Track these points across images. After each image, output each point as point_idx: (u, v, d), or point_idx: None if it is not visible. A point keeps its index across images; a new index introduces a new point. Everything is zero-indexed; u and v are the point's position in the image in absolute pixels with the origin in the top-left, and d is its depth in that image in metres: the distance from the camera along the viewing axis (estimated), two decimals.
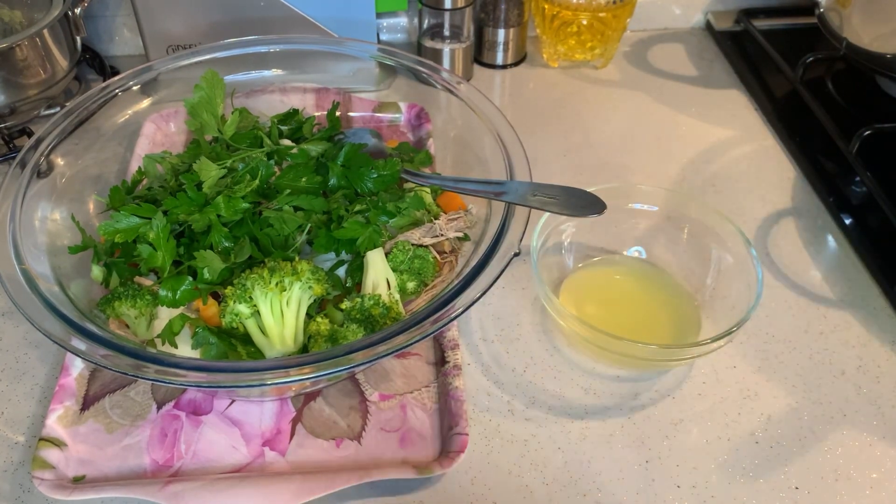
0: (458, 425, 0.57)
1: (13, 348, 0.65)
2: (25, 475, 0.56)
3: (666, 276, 0.69)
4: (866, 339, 0.67)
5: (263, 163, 0.64)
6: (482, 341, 0.66)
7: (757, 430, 0.60)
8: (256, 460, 0.57)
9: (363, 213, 0.62)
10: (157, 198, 0.63)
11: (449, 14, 0.90)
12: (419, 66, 0.75)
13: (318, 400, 0.61)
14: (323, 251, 0.61)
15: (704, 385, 0.63)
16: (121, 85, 0.72)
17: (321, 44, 0.79)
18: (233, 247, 0.60)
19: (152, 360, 0.51)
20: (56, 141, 0.66)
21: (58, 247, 0.62)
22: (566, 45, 0.95)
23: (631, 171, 0.83)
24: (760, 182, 0.82)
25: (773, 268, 0.73)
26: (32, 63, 0.83)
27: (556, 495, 0.56)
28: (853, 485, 0.57)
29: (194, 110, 0.68)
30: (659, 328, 0.65)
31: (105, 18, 0.96)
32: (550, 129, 0.88)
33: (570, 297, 0.67)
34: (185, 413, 0.60)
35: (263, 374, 0.50)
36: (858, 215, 0.77)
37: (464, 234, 0.66)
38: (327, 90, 0.80)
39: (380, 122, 0.82)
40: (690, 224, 0.68)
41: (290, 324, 0.57)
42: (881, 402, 0.62)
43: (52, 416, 0.58)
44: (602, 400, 0.62)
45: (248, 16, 0.87)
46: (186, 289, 0.58)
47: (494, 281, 0.55)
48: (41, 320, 0.52)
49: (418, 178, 0.67)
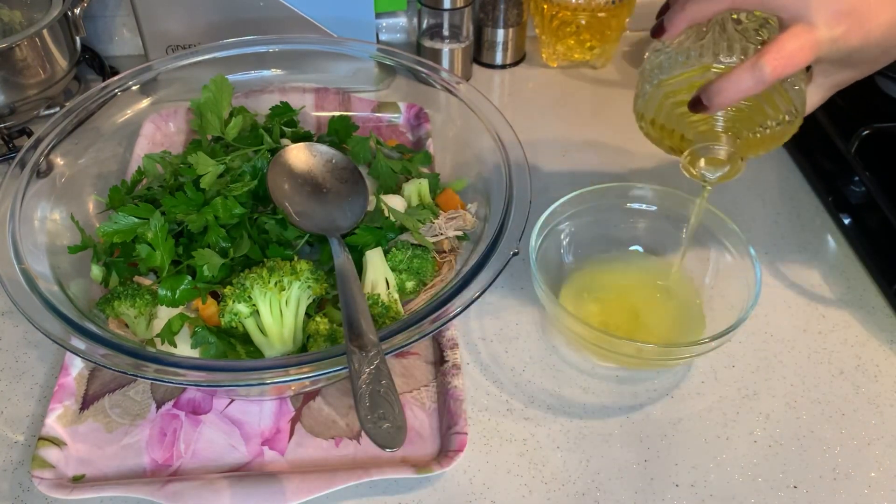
0: (456, 424, 0.57)
1: (13, 348, 0.65)
2: (25, 474, 0.57)
3: (666, 275, 0.69)
4: (865, 338, 0.67)
5: (264, 162, 0.64)
6: (481, 340, 0.66)
7: (755, 429, 0.60)
8: (255, 459, 0.57)
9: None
10: (156, 198, 0.64)
11: (448, 14, 0.90)
12: (418, 66, 0.75)
13: (318, 399, 0.61)
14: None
15: (703, 384, 0.63)
16: (120, 85, 0.72)
17: (320, 44, 0.79)
18: (230, 246, 0.60)
19: (152, 359, 0.51)
20: (56, 141, 0.66)
21: (57, 246, 0.62)
22: (565, 44, 0.95)
23: (630, 171, 0.83)
24: (759, 182, 0.82)
25: (772, 267, 0.73)
26: (32, 63, 0.83)
27: (555, 494, 0.56)
28: (852, 484, 0.57)
29: (200, 110, 0.68)
30: (659, 327, 0.65)
31: (104, 18, 0.96)
32: (549, 129, 0.88)
33: (568, 296, 0.67)
34: (184, 412, 0.60)
35: (263, 373, 0.50)
36: (857, 215, 0.77)
37: (462, 233, 0.66)
38: (327, 90, 0.80)
39: (379, 121, 0.82)
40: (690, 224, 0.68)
41: (289, 323, 0.57)
42: (880, 401, 0.62)
43: (51, 415, 0.58)
44: (601, 399, 0.62)
45: (247, 16, 0.87)
46: (185, 288, 0.58)
47: (493, 280, 0.55)
48: (41, 320, 0.53)
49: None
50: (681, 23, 0.55)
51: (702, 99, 0.53)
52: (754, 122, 0.57)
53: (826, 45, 0.52)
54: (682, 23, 0.55)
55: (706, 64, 0.55)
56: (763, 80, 0.51)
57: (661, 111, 0.59)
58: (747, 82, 0.52)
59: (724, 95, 0.52)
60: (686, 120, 0.58)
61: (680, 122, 0.58)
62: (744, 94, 0.52)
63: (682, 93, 0.57)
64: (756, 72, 0.51)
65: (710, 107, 0.53)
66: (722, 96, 0.52)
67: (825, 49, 0.52)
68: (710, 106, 0.53)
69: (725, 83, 0.52)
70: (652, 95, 0.58)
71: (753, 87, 0.52)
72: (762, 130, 0.57)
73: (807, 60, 0.52)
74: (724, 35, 0.56)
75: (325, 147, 0.65)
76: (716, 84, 0.53)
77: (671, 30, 0.56)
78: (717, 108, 0.53)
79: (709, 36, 0.56)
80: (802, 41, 0.51)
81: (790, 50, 0.51)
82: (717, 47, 0.55)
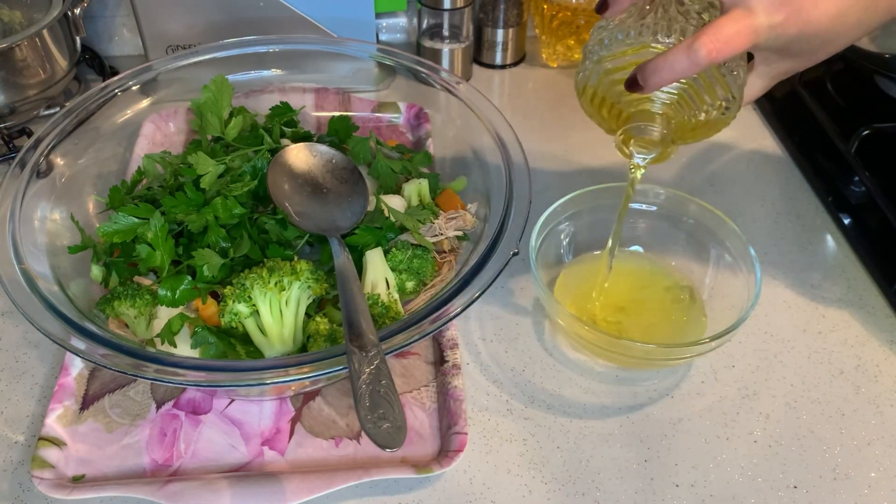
0: (456, 424, 0.57)
1: (13, 348, 0.65)
2: (25, 474, 0.57)
3: (666, 274, 0.69)
4: (865, 338, 0.67)
5: (264, 162, 0.64)
6: (481, 340, 0.66)
7: (755, 430, 0.60)
8: (255, 459, 0.57)
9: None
10: (156, 198, 0.64)
11: (448, 14, 0.90)
12: (418, 66, 0.75)
13: (318, 399, 0.61)
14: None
15: (703, 384, 0.63)
16: (120, 85, 0.72)
17: (320, 44, 0.79)
18: (230, 246, 0.60)
19: (152, 359, 0.51)
20: (56, 141, 0.66)
21: (57, 247, 0.62)
22: (565, 44, 0.95)
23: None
24: (759, 182, 0.82)
25: (772, 267, 0.73)
26: (32, 63, 0.83)
27: (555, 494, 0.56)
28: (852, 484, 0.57)
29: (200, 110, 0.68)
30: (659, 327, 0.65)
31: (104, 19, 0.96)
32: (549, 129, 0.88)
33: (568, 296, 0.67)
34: (184, 412, 0.60)
35: (263, 373, 0.50)
36: (857, 215, 0.77)
37: (463, 233, 0.66)
38: (326, 90, 0.80)
39: (379, 122, 0.82)
40: (689, 224, 0.68)
41: (289, 323, 0.57)
42: (880, 401, 0.62)
43: (51, 415, 0.58)
44: (601, 399, 0.62)
45: (247, 16, 0.87)
46: (185, 288, 0.58)
47: (493, 280, 0.55)
48: (41, 320, 0.53)
49: None
50: (624, 0, 0.55)
51: (637, 78, 0.53)
52: (691, 106, 0.57)
53: (764, 32, 0.51)
54: (625, 0, 0.55)
55: (645, 43, 0.55)
56: (698, 63, 0.51)
57: (601, 87, 0.58)
58: (682, 63, 0.51)
59: (659, 76, 0.52)
60: (624, 98, 0.58)
61: (618, 100, 0.58)
62: (678, 75, 0.52)
63: (620, 70, 0.56)
64: (691, 54, 0.50)
65: (644, 86, 0.53)
66: (657, 76, 0.52)
67: (763, 36, 0.51)
68: (645, 86, 0.53)
69: (660, 63, 0.52)
70: (592, 71, 0.58)
71: (688, 68, 0.51)
72: (697, 115, 0.57)
73: (743, 46, 0.51)
74: (665, 15, 0.55)
75: (325, 147, 0.65)
76: (651, 63, 0.52)
77: (614, 7, 0.55)
78: (651, 88, 0.53)
79: (651, 15, 0.56)
80: (740, 26, 0.51)
81: (727, 34, 0.50)
82: (656, 27, 0.55)
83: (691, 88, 0.56)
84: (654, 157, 0.58)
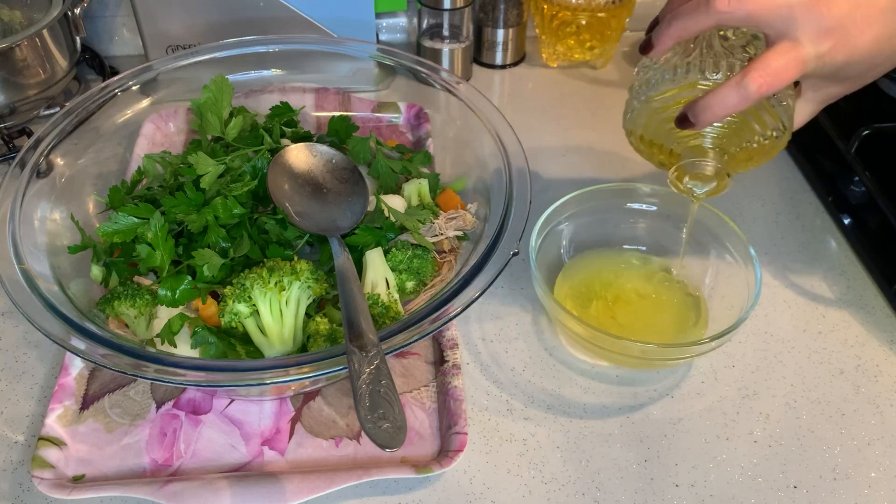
0: (456, 424, 0.57)
1: (13, 348, 0.65)
2: (25, 474, 0.57)
3: (666, 274, 0.69)
4: (865, 338, 0.67)
5: (264, 162, 0.64)
6: (481, 340, 0.66)
7: (755, 430, 0.60)
8: (255, 459, 0.57)
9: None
10: (156, 198, 0.64)
11: (448, 14, 0.90)
12: (418, 66, 0.75)
13: (318, 399, 0.61)
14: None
15: (703, 384, 0.63)
16: (120, 85, 0.72)
17: (320, 44, 0.79)
18: (230, 246, 0.60)
19: (152, 359, 0.51)
20: (55, 141, 0.66)
21: (57, 246, 0.62)
22: (565, 44, 0.95)
23: (630, 171, 0.83)
24: (759, 182, 0.82)
25: (772, 267, 0.73)
26: (32, 63, 0.83)
27: (555, 494, 0.56)
28: (852, 484, 0.57)
29: (200, 110, 0.68)
30: (659, 326, 0.65)
31: (104, 19, 0.96)
32: (549, 129, 0.88)
33: (568, 296, 0.67)
34: (184, 412, 0.60)
35: (263, 373, 0.50)
36: (857, 215, 0.77)
37: (463, 233, 0.66)
38: (326, 90, 0.80)
39: (379, 122, 0.82)
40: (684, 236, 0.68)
41: (289, 323, 0.57)
42: (879, 401, 0.62)
43: (51, 415, 0.58)
44: (601, 399, 0.62)
45: (247, 16, 0.87)
46: (185, 288, 0.58)
47: (493, 280, 0.55)
48: (41, 320, 0.53)
49: None
50: (668, 40, 0.55)
51: (688, 115, 0.54)
52: (741, 137, 0.57)
53: (812, 62, 0.52)
54: (669, 40, 0.55)
55: (693, 81, 0.56)
56: (748, 97, 0.51)
57: (650, 127, 0.59)
58: (732, 99, 0.52)
59: (710, 112, 0.53)
60: (674, 135, 0.58)
61: (668, 138, 0.59)
62: (729, 111, 0.52)
63: (669, 109, 0.57)
64: (741, 89, 0.51)
65: (696, 123, 0.54)
66: (708, 113, 0.53)
67: (811, 66, 0.52)
68: (697, 122, 0.54)
69: (711, 100, 0.52)
70: (640, 111, 0.59)
71: (739, 103, 0.52)
72: (749, 146, 0.58)
73: (792, 77, 0.52)
74: (710, 52, 0.56)
75: (326, 147, 0.65)
76: (702, 101, 0.53)
77: (659, 46, 0.56)
78: (703, 125, 0.54)
79: (696, 52, 0.56)
80: (788, 58, 0.51)
81: (775, 67, 0.51)
82: (703, 64, 0.56)
83: (741, 120, 0.56)
84: (710, 189, 0.58)
